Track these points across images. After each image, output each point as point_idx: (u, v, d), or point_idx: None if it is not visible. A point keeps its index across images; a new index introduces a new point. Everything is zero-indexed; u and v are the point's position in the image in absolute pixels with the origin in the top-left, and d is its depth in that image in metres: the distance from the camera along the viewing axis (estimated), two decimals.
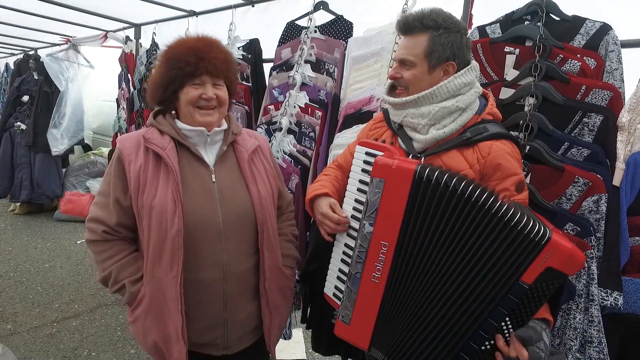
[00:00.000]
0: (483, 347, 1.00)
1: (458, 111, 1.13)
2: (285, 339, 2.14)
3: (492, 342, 0.99)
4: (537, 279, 0.92)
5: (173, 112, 1.29)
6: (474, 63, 1.16)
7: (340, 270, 1.21)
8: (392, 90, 1.25)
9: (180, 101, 1.23)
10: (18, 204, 5.36)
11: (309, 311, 1.86)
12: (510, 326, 0.97)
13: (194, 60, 1.19)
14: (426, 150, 1.15)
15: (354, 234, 1.15)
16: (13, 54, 6.21)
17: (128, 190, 1.21)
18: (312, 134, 2.07)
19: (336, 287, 1.23)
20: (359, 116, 1.84)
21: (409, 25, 1.14)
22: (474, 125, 1.13)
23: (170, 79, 1.21)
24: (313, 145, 2.05)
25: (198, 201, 1.21)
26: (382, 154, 1.11)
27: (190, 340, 1.22)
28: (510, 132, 1.23)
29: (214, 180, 1.25)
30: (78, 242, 4.52)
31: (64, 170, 5.43)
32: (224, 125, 1.31)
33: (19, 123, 5.13)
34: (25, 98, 5.14)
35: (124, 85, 3.73)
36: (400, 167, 1.04)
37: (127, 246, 1.26)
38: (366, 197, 1.10)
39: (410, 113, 1.16)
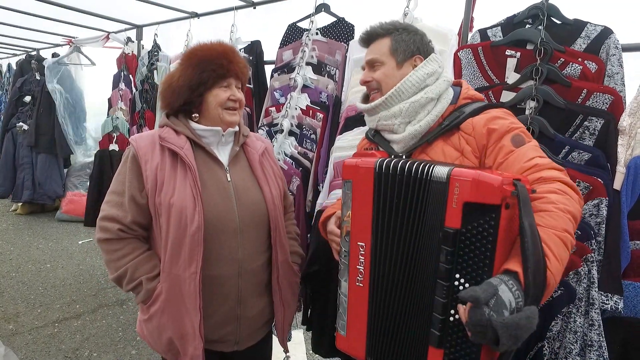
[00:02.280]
0: (452, 318, 0.89)
1: (431, 102, 1.13)
2: None
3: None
4: (463, 220, 0.85)
5: (195, 115, 1.30)
6: (434, 55, 1.18)
7: None
8: (366, 99, 1.27)
9: (208, 104, 1.28)
10: (20, 204, 5.39)
11: (309, 313, 1.87)
12: (466, 285, 0.87)
13: (226, 63, 1.26)
14: (408, 149, 1.15)
15: None
16: (15, 55, 6.24)
17: (144, 189, 1.23)
18: (313, 136, 2.07)
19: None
20: (360, 118, 1.83)
21: (371, 34, 1.21)
22: (451, 114, 1.13)
23: (200, 80, 1.25)
24: (314, 147, 2.05)
25: (215, 199, 1.24)
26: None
27: (204, 336, 1.23)
28: None
29: (229, 179, 1.29)
30: (79, 242, 4.54)
31: (65, 170, 5.46)
32: (235, 127, 1.35)
33: (21, 123, 5.15)
34: (28, 98, 5.16)
35: (123, 86, 3.74)
36: (363, 164, 1.04)
37: (141, 244, 1.27)
38: (342, 200, 1.10)
39: (382, 116, 1.16)
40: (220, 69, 1.25)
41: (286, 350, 1.51)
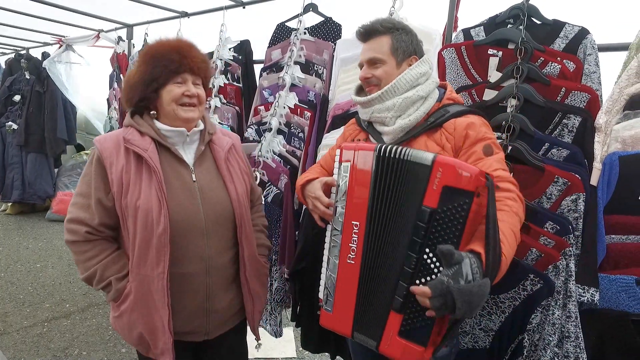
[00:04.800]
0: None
1: (420, 100, 1.22)
2: (275, 337, 2.16)
3: (423, 280, 0.98)
4: (440, 201, 0.96)
5: (153, 112, 1.30)
6: (426, 57, 1.28)
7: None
8: (360, 91, 1.34)
9: (163, 100, 1.26)
10: (9, 204, 5.34)
11: (298, 309, 1.89)
12: (433, 259, 0.97)
13: (178, 58, 1.24)
14: (397, 141, 1.23)
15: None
16: (4, 54, 6.18)
17: (110, 191, 1.23)
18: (301, 134, 2.09)
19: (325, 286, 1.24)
20: (347, 117, 1.86)
21: (370, 30, 1.26)
22: (436, 111, 1.23)
23: (153, 76, 1.24)
24: (302, 145, 2.07)
25: (181, 200, 1.24)
26: None
27: (174, 329, 1.25)
28: (494, 133, 1.26)
29: (194, 179, 1.29)
30: None
31: (56, 170, 5.42)
32: (201, 126, 1.35)
33: (10, 123, 5.11)
34: (17, 98, 5.12)
35: (115, 85, 3.74)
36: (363, 147, 1.14)
37: (110, 245, 1.28)
38: (337, 182, 1.17)
39: (376, 109, 1.24)
40: (172, 64, 1.23)
41: (257, 338, 1.53)
